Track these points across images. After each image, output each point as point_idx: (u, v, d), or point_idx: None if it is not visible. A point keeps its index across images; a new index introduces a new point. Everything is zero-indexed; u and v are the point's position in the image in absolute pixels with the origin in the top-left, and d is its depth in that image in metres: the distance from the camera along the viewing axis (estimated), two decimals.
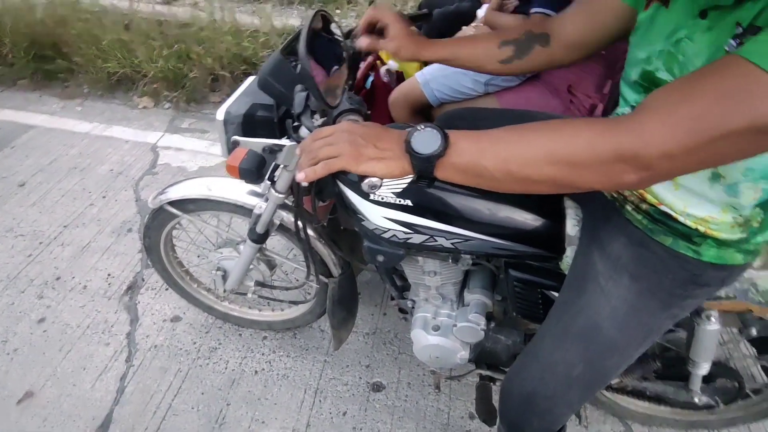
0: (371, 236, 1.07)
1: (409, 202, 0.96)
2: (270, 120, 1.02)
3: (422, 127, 0.63)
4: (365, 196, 0.98)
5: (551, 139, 0.57)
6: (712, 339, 1.00)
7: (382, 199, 0.97)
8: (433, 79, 1.35)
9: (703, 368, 1.06)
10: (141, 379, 1.52)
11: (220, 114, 1.01)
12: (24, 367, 1.54)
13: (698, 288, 0.78)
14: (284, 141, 1.02)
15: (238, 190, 1.25)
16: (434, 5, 1.59)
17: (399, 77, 1.62)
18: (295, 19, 3.24)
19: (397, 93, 1.41)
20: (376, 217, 1.00)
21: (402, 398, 1.49)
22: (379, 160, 0.62)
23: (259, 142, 1.00)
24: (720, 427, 1.39)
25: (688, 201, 0.68)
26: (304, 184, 0.64)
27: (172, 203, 1.29)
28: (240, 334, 1.66)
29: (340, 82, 0.93)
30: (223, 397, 1.48)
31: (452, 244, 1.00)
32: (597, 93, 1.23)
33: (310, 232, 1.22)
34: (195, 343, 1.63)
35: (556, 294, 1.02)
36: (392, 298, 1.35)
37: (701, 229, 0.70)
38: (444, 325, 1.21)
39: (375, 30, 0.92)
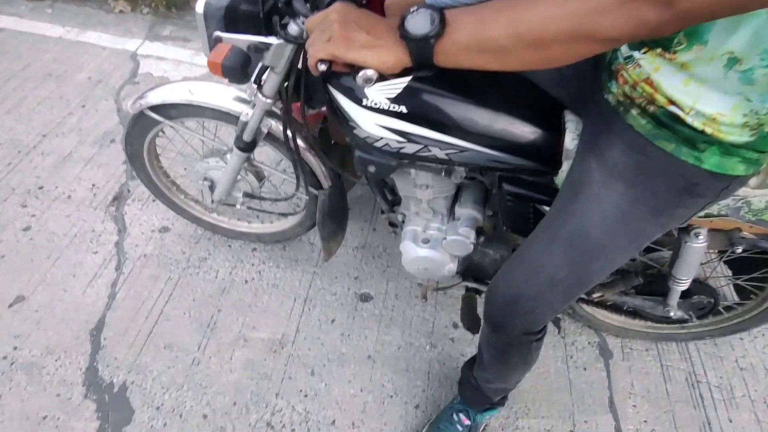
0: (363, 145, 1.03)
1: (403, 109, 0.92)
2: (255, 15, 0.93)
3: (415, 9, 0.57)
4: (358, 101, 0.93)
5: None
6: (696, 256, 1.02)
7: (376, 104, 0.92)
8: None
9: (684, 285, 1.09)
10: (132, 286, 1.54)
11: (200, 6, 0.92)
12: (12, 273, 1.55)
13: (692, 198, 0.78)
14: (271, 39, 0.95)
15: (223, 95, 1.18)
16: None
17: None
18: None
19: None
20: (369, 124, 0.96)
21: (389, 308, 1.54)
22: (372, 48, 0.58)
23: (244, 39, 0.93)
24: (688, 339, 1.47)
25: (698, 95, 0.65)
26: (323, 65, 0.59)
27: (152, 108, 1.22)
28: (229, 246, 1.66)
29: None
30: (214, 304, 1.52)
31: (446, 155, 0.98)
32: None
33: (299, 141, 1.18)
34: (184, 253, 1.64)
35: (548, 209, 1.02)
36: (382, 212, 1.35)
37: (708, 130, 0.68)
38: (434, 238, 1.22)
39: None
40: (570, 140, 0.93)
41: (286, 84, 1.04)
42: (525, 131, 0.95)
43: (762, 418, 1.38)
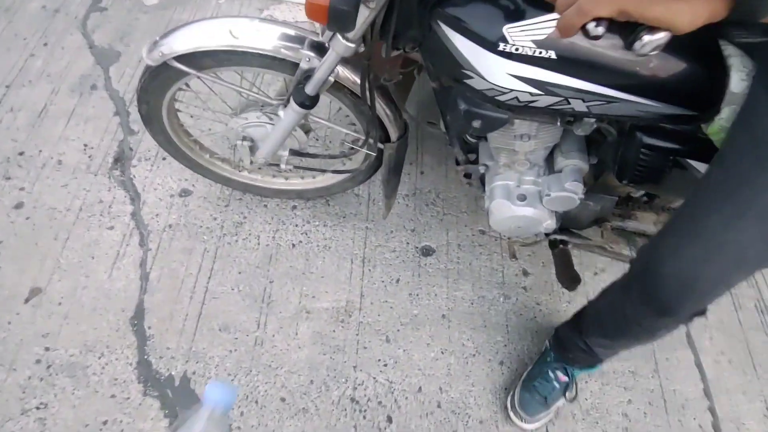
0: (474, 98, 0.84)
1: (552, 54, 0.72)
2: None
3: None
4: (490, 46, 0.72)
5: None
6: None
7: (517, 50, 0.72)
8: None
9: None
10: (164, 263, 1.35)
11: None
12: (18, 261, 1.32)
13: None
14: None
15: (275, 37, 0.93)
16: None
17: None
18: None
19: None
20: (499, 74, 0.76)
21: (454, 260, 1.43)
22: (683, 0, 0.38)
23: None
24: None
25: None
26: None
27: (180, 58, 0.95)
28: (265, 206, 1.47)
29: None
30: (264, 275, 1.36)
31: (587, 107, 0.80)
32: None
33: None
34: (215, 219, 1.43)
35: (691, 162, 0.88)
36: (457, 163, 1.18)
37: None
38: (530, 194, 1.07)
39: None
40: (738, 81, 0.76)
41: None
42: (683, 71, 0.77)
43: None
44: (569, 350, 1.12)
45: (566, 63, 0.73)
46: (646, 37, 0.40)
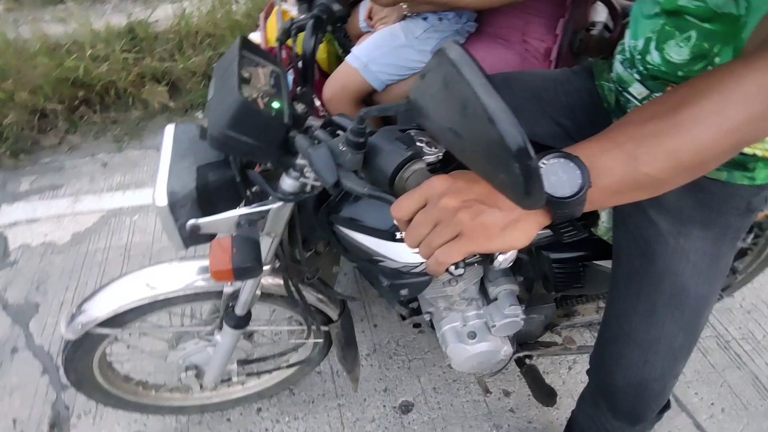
0: (394, 275, 0.89)
1: None
2: (230, 181, 0.74)
3: (546, 161, 0.46)
4: (389, 237, 0.79)
5: (719, 102, 0.44)
6: None
7: None
8: (372, 60, 1.13)
9: None
10: None
11: (160, 198, 0.70)
12: None
13: (752, 214, 0.78)
14: (266, 204, 0.75)
15: (191, 273, 0.95)
16: None
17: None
18: (118, 16, 2.62)
19: (333, 86, 1.16)
20: (405, 255, 0.81)
21: (435, 407, 1.38)
22: (513, 227, 0.45)
23: (229, 218, 0.73)
24: None
25: None
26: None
27: (101, 323, 0.94)
28: (228, 420, 1.37)
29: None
30: None
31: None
32: (549, 35, 1.14)
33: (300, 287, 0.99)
34: None
35: (597, 263, 0.97)
36: (403, 318, 1.20)
37: (759, 153, 0.68)
38: (479, 329, 1.09)
39: None
40: None
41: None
42: None
43: None
44: None
45: None
46: (501, 257, 0.47)
